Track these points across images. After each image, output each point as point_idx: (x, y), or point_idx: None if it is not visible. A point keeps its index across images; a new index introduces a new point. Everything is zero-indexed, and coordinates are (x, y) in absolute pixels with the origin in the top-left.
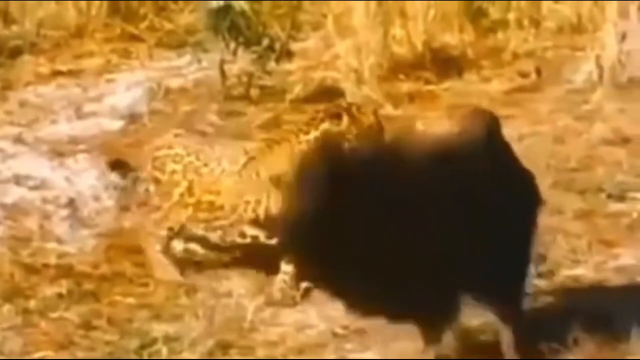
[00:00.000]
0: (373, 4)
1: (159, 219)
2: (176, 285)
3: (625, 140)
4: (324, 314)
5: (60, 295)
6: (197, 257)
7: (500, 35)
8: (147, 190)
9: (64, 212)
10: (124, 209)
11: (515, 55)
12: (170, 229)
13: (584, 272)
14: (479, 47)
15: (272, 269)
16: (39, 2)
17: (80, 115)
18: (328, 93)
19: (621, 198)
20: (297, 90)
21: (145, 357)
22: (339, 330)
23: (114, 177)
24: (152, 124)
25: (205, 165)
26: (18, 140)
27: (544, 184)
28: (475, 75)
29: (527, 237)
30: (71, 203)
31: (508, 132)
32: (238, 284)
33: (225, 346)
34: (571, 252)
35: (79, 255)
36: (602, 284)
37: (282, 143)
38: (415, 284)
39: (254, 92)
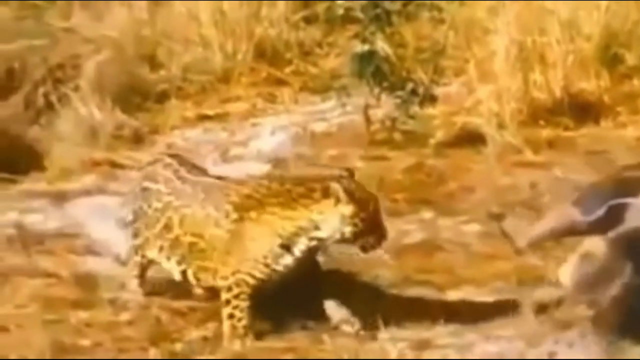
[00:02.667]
0: (514, 50)
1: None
2: (322, 329)
3: None
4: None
5: (206, 339)
6: None
7: (635, 81)
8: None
9: None
10: None
11: None
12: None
13: None
14: (614, 93)
15: None
16: (186, 47)
17: (226, 159)
18: (470, 138)
19: None
20: (440, 135)
21: None
22: None
23: None
24: (297, 169)
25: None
26: None
27: None
28: (611, 121)
29: None
30: None
31: None
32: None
33: None
34: None
35: None
36: None
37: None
38: None
39: (398, 137)
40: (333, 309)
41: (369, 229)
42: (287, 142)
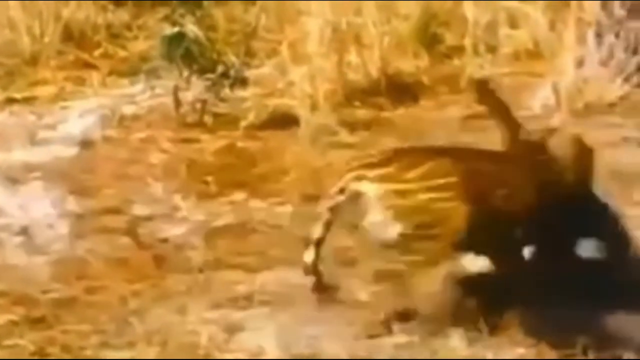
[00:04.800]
0: (328, 31)
1: None
2: (129, 312)
3: None
4: (281, 340)
5: (14, 323)
6: None
7: (456, 61)
8: None
9: (18, 240)
10: (78, 236)
11: (472, 82)
12: None
13: None
14: (434, 74)
15: None
16: None
17: (34, 142)
18: (283, 120)
19: None
20: (251, 117)
21: None
22: (295, 357)
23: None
24: (106, 151)
25: None
26: None
27: None
28: (431, 101)
29: None
30: (25, 230)
31: None
32: (192, 310)
33: None
34: None
35: (33, 283)
36: None
37: None
38: None
39: (208, 119)
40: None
41: None
42: (96, 125)
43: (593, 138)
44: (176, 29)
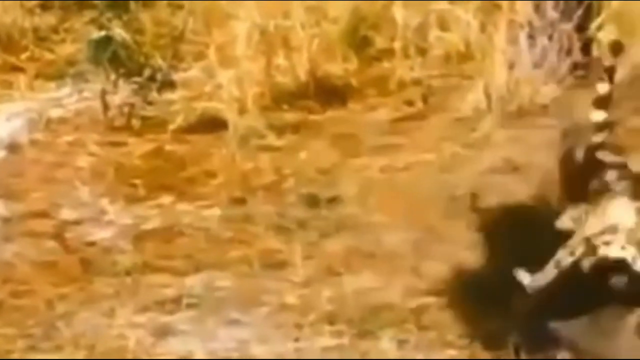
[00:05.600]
0: (256, 34)
1: None
2: (56, 316)
3: (515, 169)
4: (208, 343)
5: None
6: None
7: (385, 63)
8: None
9: None
10: (5, 239)
11: (402, 84)
12: None
13: None
14: (363, 76)
15: None
16: None
17: None
18: (211, 123)
19: None
20: (179, 120)
21: None
22: None
23: None
24: (33, 155)
25: None
26: None
27: (432, 214)
28: (360, 104)
29: None
30: None
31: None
32: (119, 313)
33: None
34: None
35: None
36: None
37: None
38: None
39: (136, 123)
40: None
41: None
42: (23, 128)
43: (525, 140)
44: (103, 33)
